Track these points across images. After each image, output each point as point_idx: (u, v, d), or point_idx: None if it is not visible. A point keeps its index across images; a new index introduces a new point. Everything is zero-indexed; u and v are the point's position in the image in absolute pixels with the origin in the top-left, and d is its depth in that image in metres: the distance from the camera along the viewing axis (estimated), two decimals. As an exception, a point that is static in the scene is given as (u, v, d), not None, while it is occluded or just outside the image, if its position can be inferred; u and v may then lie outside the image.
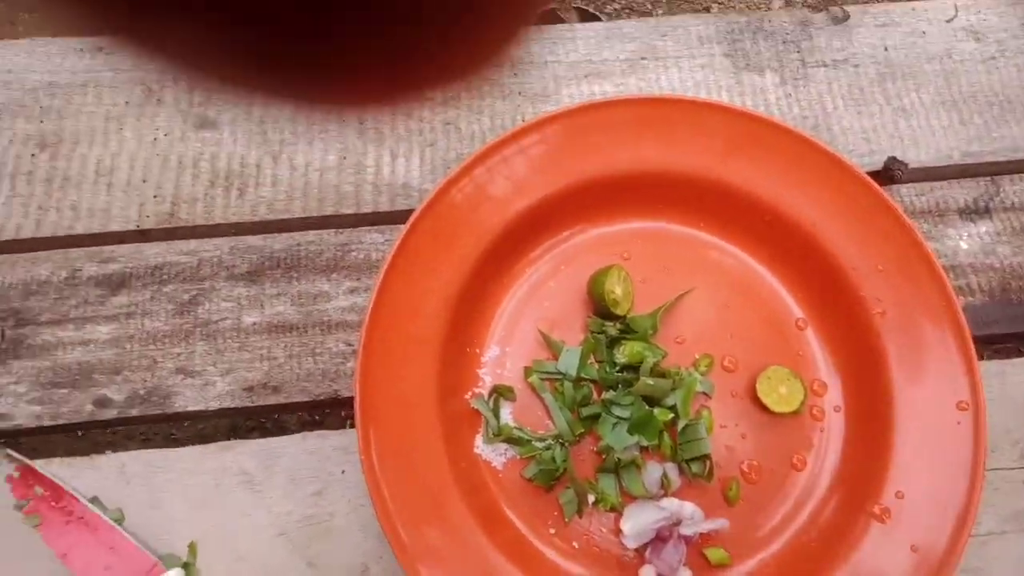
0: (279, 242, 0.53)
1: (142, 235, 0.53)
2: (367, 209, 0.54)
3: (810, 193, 0.48)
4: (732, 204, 0.49)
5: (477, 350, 0.49)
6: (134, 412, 0.48)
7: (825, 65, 0.60)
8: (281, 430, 0.49)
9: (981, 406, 0.43)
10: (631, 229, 0.51)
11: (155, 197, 0.54)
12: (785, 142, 0.49)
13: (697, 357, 0.48)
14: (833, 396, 0.47)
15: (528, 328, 0.49)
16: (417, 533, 0.42)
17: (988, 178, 0.56)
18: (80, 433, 0.46)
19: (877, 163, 0.56)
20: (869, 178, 0.48)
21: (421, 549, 0.41)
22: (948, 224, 0.55)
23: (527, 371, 0.48)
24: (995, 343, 0.53)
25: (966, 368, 0.44)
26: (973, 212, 0.55)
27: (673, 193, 0.50)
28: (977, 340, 0.45)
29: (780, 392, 0.46)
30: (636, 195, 0.50)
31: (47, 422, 0.48)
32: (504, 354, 0.49)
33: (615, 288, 0.48)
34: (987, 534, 0.48)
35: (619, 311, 0.48)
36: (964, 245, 0.54)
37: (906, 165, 0.55)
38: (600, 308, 0.48)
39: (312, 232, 0.53)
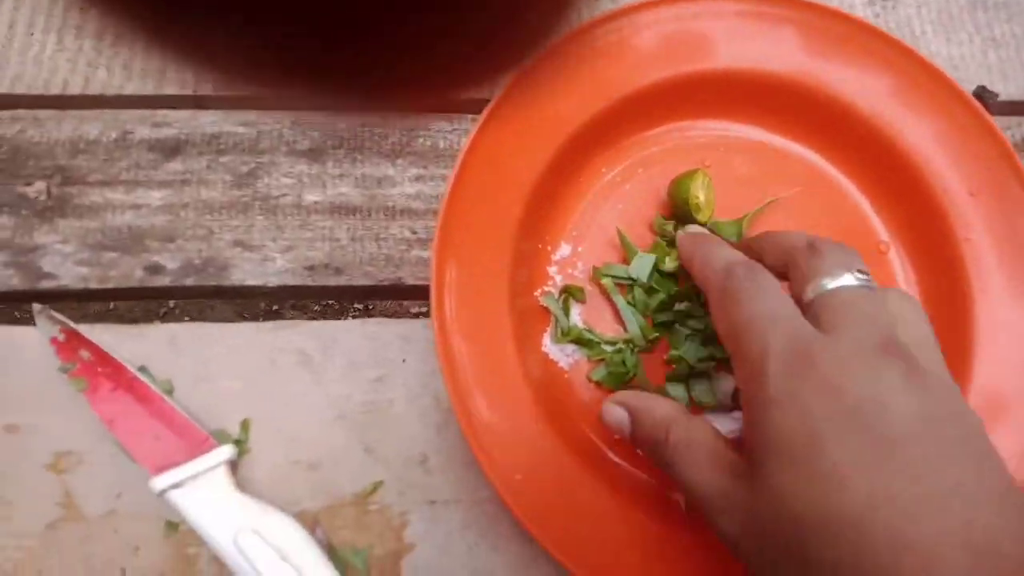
0: (343, 120, 0.50)
1: (197, 101, 0.50)
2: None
3: (911, 109, 0.46)
4: (827, 113, 0.47)
5: (548, 247, 0.47)
6: (188, 281, 0.46)
7: (914, -13, 0.58)
8: (340, 313, 0.46)
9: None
10: (716, 133, 0.49)
11: (213, 62, 0.50)
12: (890, 53, 0.46)
13: None
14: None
15: (600, 229, 0.47)
16: (481, 414, 0.40)
17: (1074, 116, 0.55)
18: (119, 301, 0.44)
19: (966, 91, 0.54)
20: (974, 99, 0.46)
21: (484, 428, 0.40)
22: (1033, 159, 0.53)
23: (596, 271, 0.46)
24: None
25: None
26: (1057, 149, 0.54)
27: (767, 96, 0.47)
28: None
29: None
30: (726, 95, 0.48)
31: (94, 285, 0.45)
32: (575, 254, 0.47)
33: (699, 193, 0.46)
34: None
35: (701, 217, 0.46)
36: (1047, 181, 0.53)
37: (996, 95, 0.53)
38: (681, 213, 0.46)
39: (377, 114, 0.50)
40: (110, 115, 0.49)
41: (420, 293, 0.47)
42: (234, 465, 0.44)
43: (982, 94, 0.53)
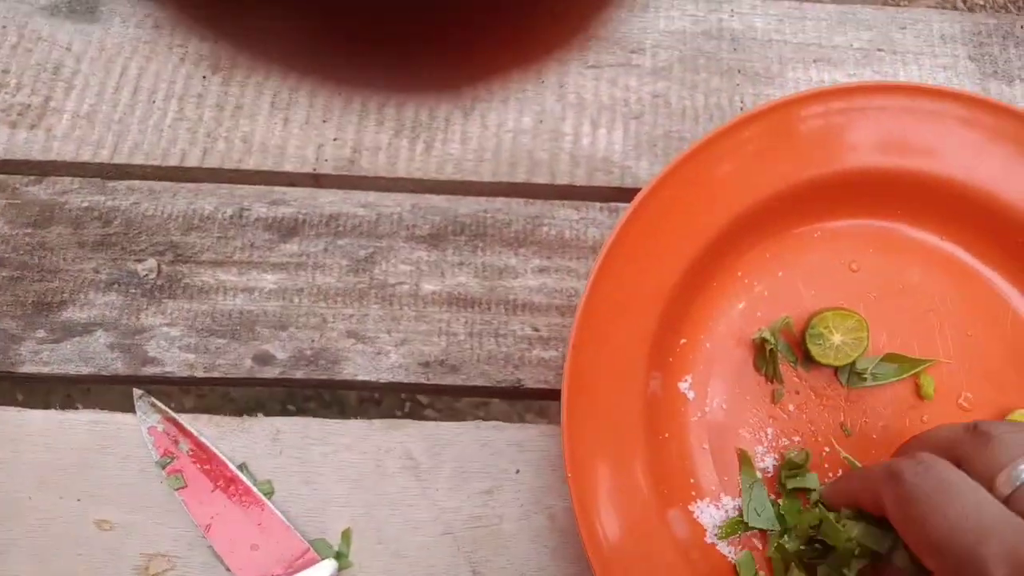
0: (464, 206, 0.47)
1: (316, 180, 0.48)
2: (562, 181, 0.48)
3: None
4: (986, 213, 0.43)
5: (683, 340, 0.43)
6: (299, 374, 0.43)
7: (1088, 81, 0.52)
8: (452, 415, 0.43)
9: None
10: (860, 228, 0.45)
11: (335, 140, 0.48)
12: None
13: None
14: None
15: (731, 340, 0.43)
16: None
17: None
18: (223, 390, 0.41)
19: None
20: None
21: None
22: None
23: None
24: None
25: None
26: None
27: (916, 190, 0.43)
28: None
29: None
30: (870, 197, 0.44)
31: (200, 373, 0.43)
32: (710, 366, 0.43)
33: (832, 333, 0.41)
34: None
35: (830, 359, 0.41)
36: None
37: None
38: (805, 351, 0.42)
39: (500, 199, 0.47)
40: (226, 190, 0.47)
41: (539, 395, 0.43)
42: (334, 579, 0.40)
43: None
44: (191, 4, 0.51)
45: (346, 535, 0.41)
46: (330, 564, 0.39)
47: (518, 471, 0.42)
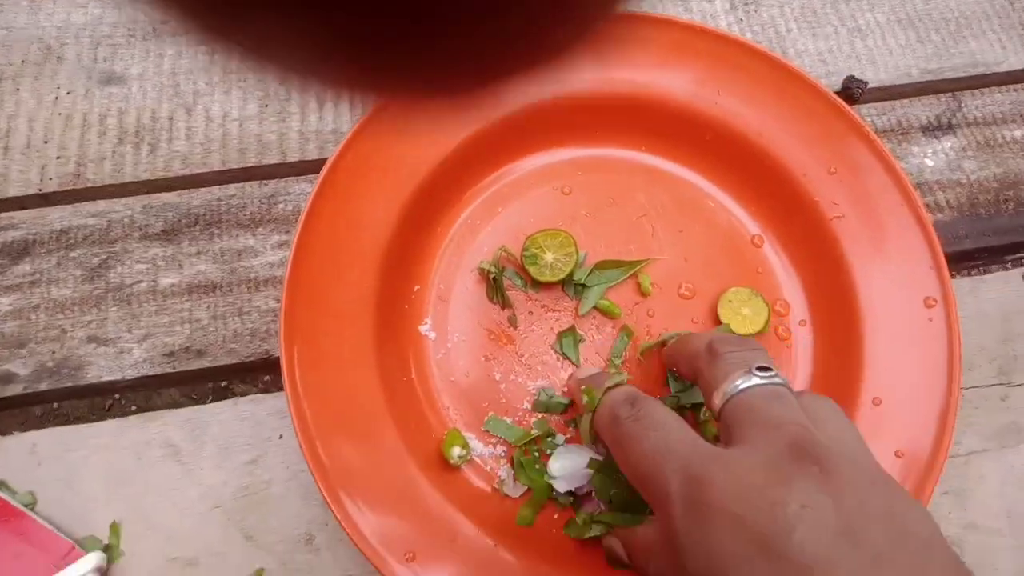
0: (197, 198, 0.48)
1: (44, 199, 0.48)
2: (293, 158, 0.50)
3: (751, 100, 0.45)
4: (672, 121, 0.46)
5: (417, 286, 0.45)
6: (42, 386, 0.44)
7: (773, -14, 0.57)
8: (207, 397, 0.44)
9: (951, 299, 0.41)
10: (570, 159, 0.48)
11: (58, 158, 0.49)
12: (722, 48, 0.45)
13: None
14: (797, 311, 0.44)
15: (468, 277, 0.45)
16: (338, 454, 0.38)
17: (949, 94, 0.54)
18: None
19: (835, 84, 0.53)
20: (809, 75, 0.44)
21: (341, 471, 0.37)
22: (912, 142, 0.52)
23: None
24: (966, 260, 0.50)
25: (932, 262, 0.41)
26: (936, 129, 0.52)
27: (612, 115, 0.46)
28: (948, 257, 0.42)
29: (743, 314, 0.43)
30: (572, 120, 0.47)
31: (-56, 403, 0.43)
32: (447, 305, 0.45)
33: (545, 252, 0.44)
34: (968, 453, 0.45)
35: (549, 276, 0.44)
36: (929, 162, 0.51)
37: (865, 83, 0.52)
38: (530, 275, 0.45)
39: (233, 185, 0.49)
40: (-45, 224, 0.47)
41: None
42: (106, 572, 0.41)
43: (851, 84, 0.52)
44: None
45: (114, 528, 0.42)
46: (95, 556, 0.40)
47: (281, 436, 0.44)
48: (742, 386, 0.31)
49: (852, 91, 0.52)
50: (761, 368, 0.32)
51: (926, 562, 0.26)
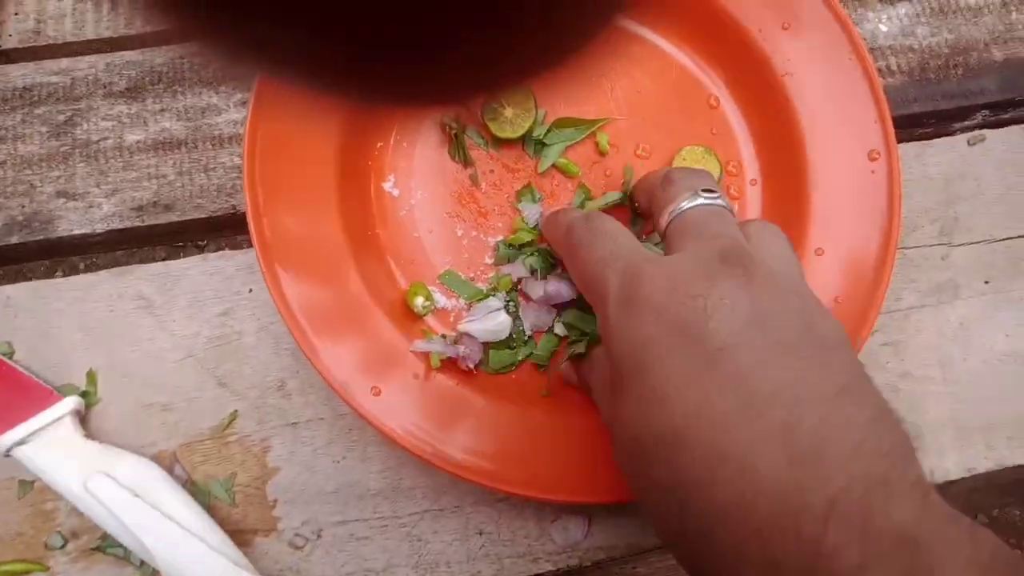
0: (160, 56, 0.48)
1: (5, 56, 0.48)
2: (256, 19, 0.50)
3: None
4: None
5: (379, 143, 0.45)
6: (14, 240, 0.44)
7: None
8: (177, 252, 0.45)
9: (894, 152, 0.42)
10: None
11: (16, 15, 0.48)
12: None
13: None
14: (750, 171, 0.46)
15: (430, 134, 0.46)
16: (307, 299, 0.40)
17: (908, -39, 0.54)
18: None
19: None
20: None
21: (310, 312, 0.39)
22: (867, 7, 0.53)
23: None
24: (914, 125, 0.51)
25: (877, 116, 0.43)
26: (893, -6, 0.53)
27: None
28: (896, 121, 0.44)
29: (696, 170, 0.44)
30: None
31: (-84, 256, 0.44)
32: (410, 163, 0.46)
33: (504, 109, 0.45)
34: (908, 308, 0.48)
35: (510, 133, 0.45)
36: (883, 28, 0.52)
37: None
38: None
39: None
40: (-87, 81, 0.47)
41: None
42: (84, 418, 0.43)
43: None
44: None
45: (90, 375, 0.44)
46: (73, 400, 0.42)
47: (251, 290, 0.45)
48: (687, 205, 0.33)
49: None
50: (706, 190, 0.34)
51: (827, 355, 0.28)
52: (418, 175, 0.45)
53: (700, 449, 0.27)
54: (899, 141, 0.44)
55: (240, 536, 0.42)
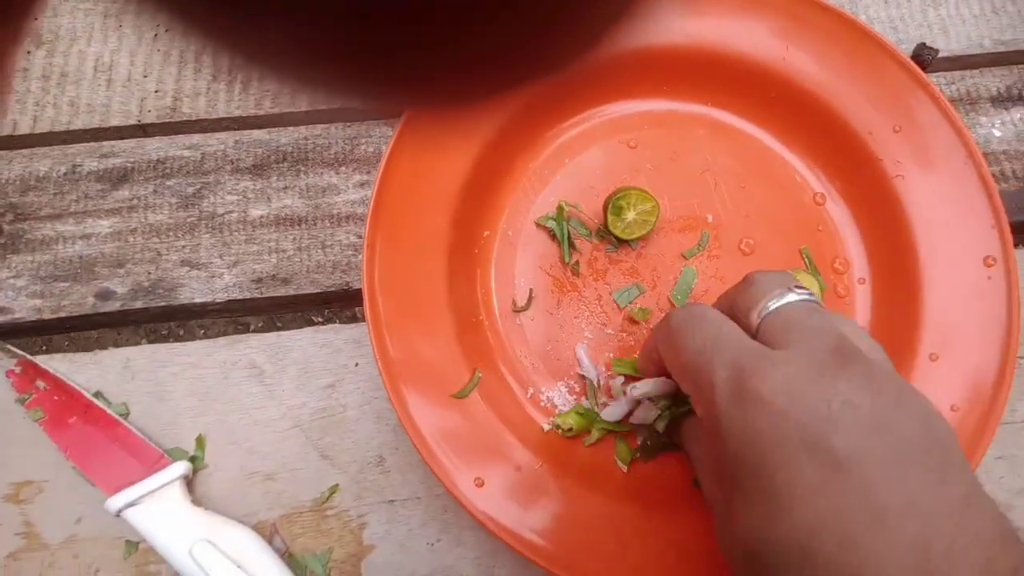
0: (285, 136, 0.51)
1: (143, 130, 0.51)
2: (376, 104, 0.52)
3: (820, 57, 0.46)
4: (739, 75, 0.47)
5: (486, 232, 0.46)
6: (138, 304, 0.46)
7: (850, -45, 0.58)
8: (291, 324, 0.47)
9: (1011, 258, 0.41)
10: (636, 112, 0.49)
11: (156, 92, 0.52)
12: (792, 4, 0.46)
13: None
14: (857, 269, 0.45)
15: (534, 225, 0.47)
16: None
17: (1022, 65, 0.54)
18: (73, 331, 0.45)
19: (906, 51, 0.54)
20: (875, 32, 0.45)
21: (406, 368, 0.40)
22: (980, 112, 0.53)
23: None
24: (1031, 231, 0.50)
25: (994, 222, 0.42)
26: (1006, 99, 0.53)
27: (678, 68, 0.47)
28: (1012, 227, 0.43)
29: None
30: (640, 72, 0.48)
31: (48, 315, 0.46)
32: (514, 250, 0.47)
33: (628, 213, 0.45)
34: (1022, 421, 0.46)
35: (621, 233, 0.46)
36: (997, 133, 0.52)
37: (936, 52, 0.53)
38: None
39: (319, 126, 0.51)
40: (58, 151, 0.50)
41: (370, 297, 0.47)
42: (191, 482, 0.44)
43: (922, 52, 0.53)
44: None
45: (199, 440, 0.45)
46: (182, 464, 0.43)
47: (357, 364, 0.46)
48: (781, 301, 0.33)
49: (923, 59, 0.53)
50: (798, 287, 0.33)
51: (947, 461, 0.27)
52: (520, 263, 0.46)
53: (831, 568, 0.26)
54: (1015, 246, 0.43)
55: (334, 613, 0.42)
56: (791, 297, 0.33)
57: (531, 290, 0.45)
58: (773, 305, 0.33)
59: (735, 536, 0.29)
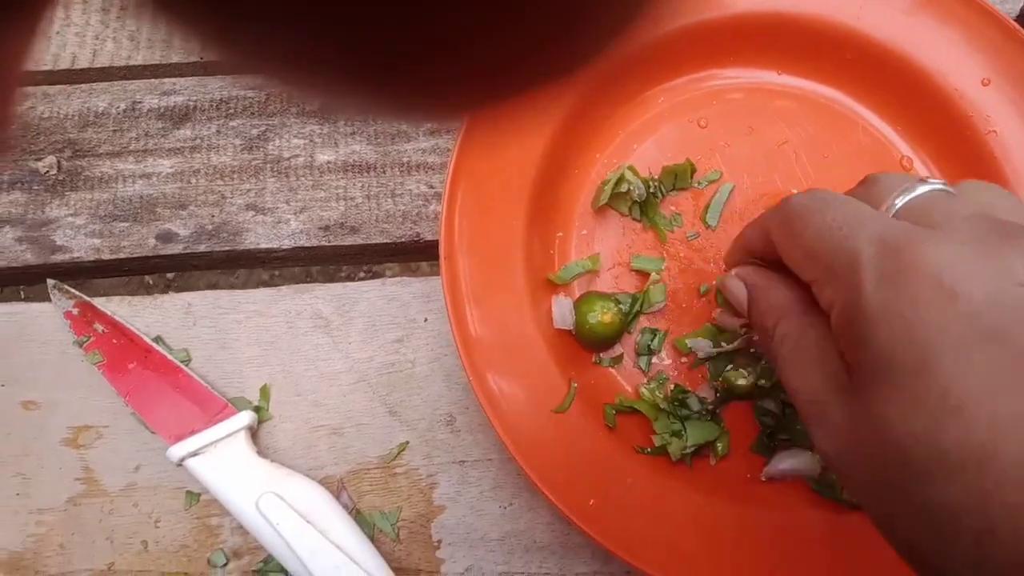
0: (354, 79, 0.48)
1: (204, 67, 0.49)
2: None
3: (896, 11, 0.43)
4: (811, 37, 0.44)
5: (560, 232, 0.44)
6: (201, 248, 0.45)
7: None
8: (358, 274, 0.45)
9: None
10: (703, 89, 0.45)
11: (219, 29, 0.49)
12: None
13: None
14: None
15: (609, 217, 0.44)
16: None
17: None
18: (133, 273, 0.43)
19: (1012, 11, 0.51)
20: None
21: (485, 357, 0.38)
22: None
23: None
24: None
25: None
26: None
27: (745, 34, 0.44)
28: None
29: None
30: (705, 43, 0.44)
31: (107, 256, 0.44)
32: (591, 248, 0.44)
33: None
34: None
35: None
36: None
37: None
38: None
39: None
40: (118, 87, 0.48)
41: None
42: (254, 432, 0.42)
43: (1027, 12, 0.50)
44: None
45: (264, 391, 0.43)
46: (248, 415, 0.41)
47: (426, 319, 0.44)
48: (913, 193, 0.29)
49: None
50: (927, 178, 0.30)
51: None
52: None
53: (1017, 470, 0.22)
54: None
55: (402, 575, 0.40)
56: (923, 188, 0.29)
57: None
58: (905, 198, 0.29)
59: (873, 436, 0.26)
